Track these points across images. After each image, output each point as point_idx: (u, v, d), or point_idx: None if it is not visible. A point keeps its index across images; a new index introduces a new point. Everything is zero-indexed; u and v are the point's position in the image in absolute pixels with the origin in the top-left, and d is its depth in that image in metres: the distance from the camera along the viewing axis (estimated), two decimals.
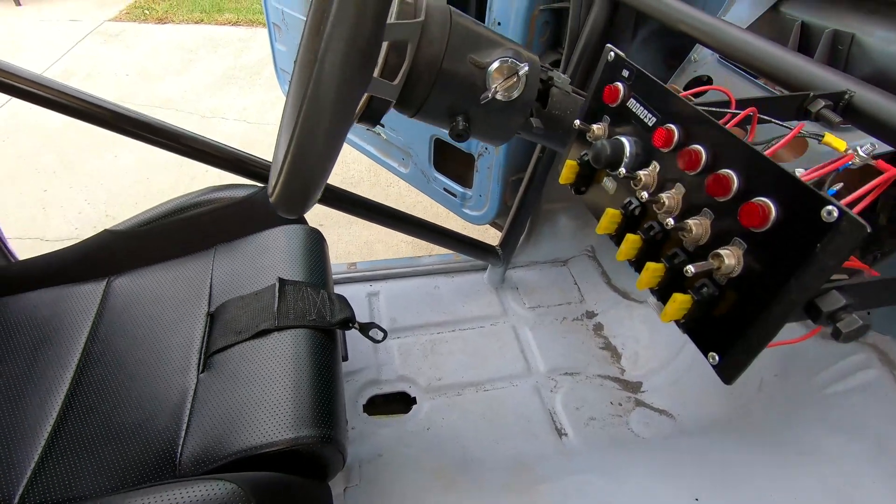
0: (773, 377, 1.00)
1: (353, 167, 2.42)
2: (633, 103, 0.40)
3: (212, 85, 3.08)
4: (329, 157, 0.42)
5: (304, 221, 1.00)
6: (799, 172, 0.36)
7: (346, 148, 0.73)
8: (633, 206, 0.37)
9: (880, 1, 0.62)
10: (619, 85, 0.40)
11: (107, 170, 2.27)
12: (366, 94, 0.50)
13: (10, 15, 3.90)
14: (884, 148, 0.45)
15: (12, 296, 0.85)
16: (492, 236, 2.01)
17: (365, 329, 0.85)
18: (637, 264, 0.37)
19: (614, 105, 0.41)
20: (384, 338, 0.89)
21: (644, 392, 1.15)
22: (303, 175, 0.43)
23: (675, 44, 1.06)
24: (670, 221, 0.33)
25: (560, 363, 1.21)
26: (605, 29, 0.98)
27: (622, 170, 0.37)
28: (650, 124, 0.38)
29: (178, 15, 3.94)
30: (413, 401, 1.11)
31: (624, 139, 0.39)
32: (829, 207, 0.25)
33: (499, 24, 1.13)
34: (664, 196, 0.35)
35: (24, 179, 2.25)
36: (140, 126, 0.87)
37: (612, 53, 0.42)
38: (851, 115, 0.51)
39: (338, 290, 1.31)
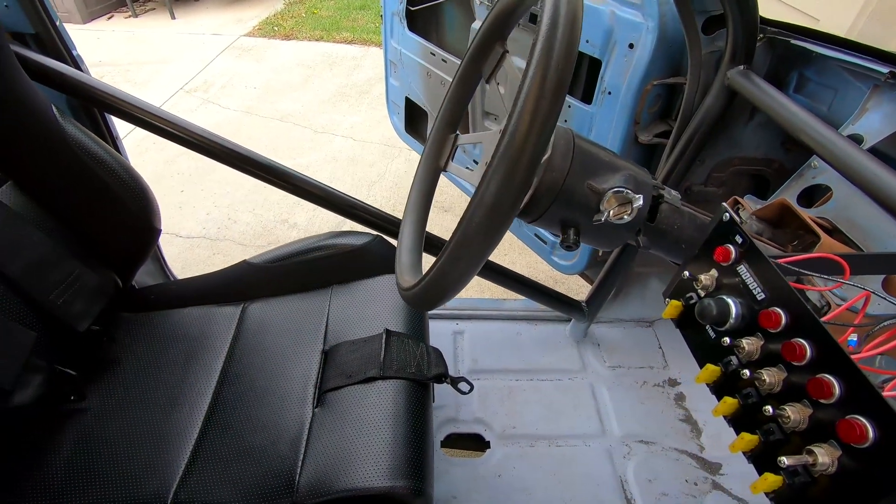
0: None
1: (447, 191, 2.53)
2: (743, 270, 0.43)
3: (326, 101, 3.36)
4: (463, 283, 0.49)
5: None
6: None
7: (442, 178, 0.79)
8: (732, 367, 0.41)
9: None
10: (731, 248, 0.44)
11: (231, 179, 2.57)
12: None
13: (166, 26, 4.50)
14: None
15: (172, 310, 1.02)
16: (575, 283, 2.02)
17: (455, 382, 0.93)
18: (733, 424, 0.40)
19: (725, 265, 0.45)
20: (471, 391, 0.96)
21: (723, 475, 1.12)
22: (441, 291, 0.51)
23: None
24: (769, 409, 0.37)
25: (636, 429, 1.21)
26: (719, 114, 0.98)
27: (726, 339, 0.41)
28: (759, 298, 0.41)
29: (302, 32, 4.32)
30: (487, 444, 1.17)
31: (731, 301, 0.42)
32: None
33: (609, 93, 1.17)
34: (765, 373, 0.38)
35: (166, 181, 2.61)
36: (256, 165, 1.00)
37: (728, 215, 0.45)
38: None
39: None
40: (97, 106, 1.02)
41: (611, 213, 0.57)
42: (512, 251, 2.32)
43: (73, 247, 0.87)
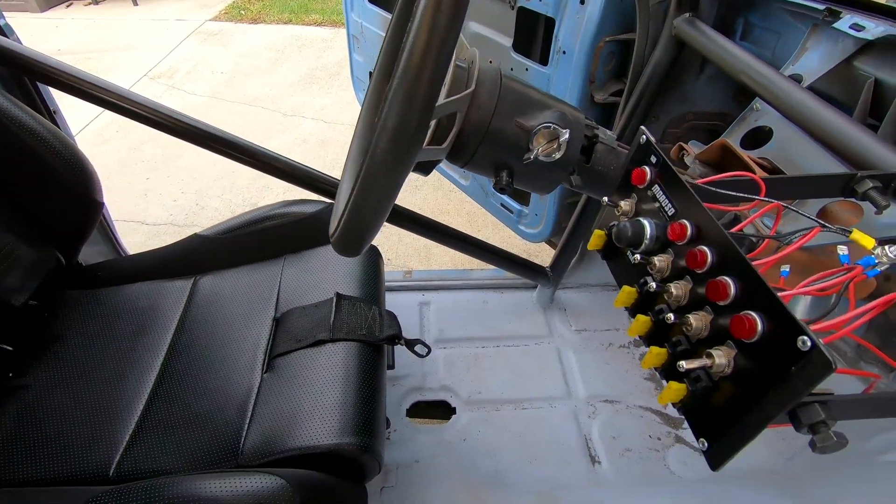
0: None
1: None
2: (657, 189, 0.42)
3: (295, 84, 3.29)
4: (380, 217, 0.48)
5: None
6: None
7: None
8: (646, 287, 0.40)
9: None
10: (647, 169, 0.43)
11: (199, 164, 2.51)
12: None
13: (128, 13, 4.37)
14: None
15: (120, 286, 1.00)
16: (547, 252, 2.02)
17: (410, 345, 0.92)
18: (646, 342, 0.40)
19: (641, 187, 0.44)
20: (428, 353, 0.95)
21: (685, 429, 1.14)
22: (358, 229, 0.50)
23: None
24: (670, 317, 0.36)
25: (601, 390, 1.21)
26: (669, 67, 0.97)
27: (637, 256, 0.40)
28: (669, 214, 0.40)
29: (269, 15, 4.22)
30: (453, 411, 1.17)
31: (646, 222, 0.41)
32: (804, 337, 0.27)
33: (563, 52, 1.15)
34: (673, 286, 0.38)
35: (131, 169, 2.54)
36: (219, 141, 0.98)
37: (645, 137, 0.45)
38: None
39: (392, 297, 1.41)
40: (26, 74, 0.98)
41: (540, 150, 0.56)
42: (486, 227, 2.32)
43: (5, 220, 0.84)
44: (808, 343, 0.27)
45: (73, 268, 0.98)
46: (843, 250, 0.45)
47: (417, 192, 2.46)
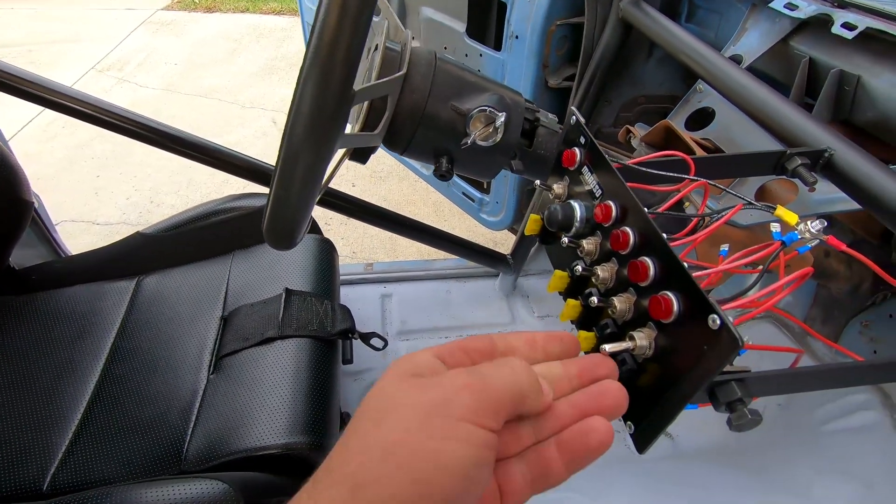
0: (777, 406, 0.99)
1: (385, 161, 2.46)
2: (585, 171, 0.41)
3: (254, 74, 3.19)
4: (304, 207, 0.46)
5: (317, 231, 1.06)
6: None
7: None
8: (577, 270, 0.39)
9: (889, 41, 0.60)
10: (577, 150, 0.42)
11: (153, 160, 2.41)
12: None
13: (74, 3, 4.14)
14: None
15: (58, 289, 0.95)
16: (512, 240, 2.03)
17: (366, 338, 0.90)
18: (578, 327, 0.39)
19: (572, 169, 0.43)
20: (385, 346, 0.94)
21: None
22: (283, 220, 0.48)
23: None
24: (594, 299, 0.35)
25: None
26: (617, 49, 0.97)
27: (565, 239, 0.39)
28: (596, 196, 0.40)
29: (226, 4, 4.07)
30: None
31: (576, 205, 0.41)
32: (714, 316, 0.27)
33: (516, 37, 1.14)
34: (600, 269, 0.37)
35: (79, 166, 2.43)
36: (167, 137, 0.93)
37: (574, 118, 0.44)
38: (829, 174, 0.51)
39: (353, 290, 1.38)
40: None
41: (477, 134, 0.54)
42: (452, 217, 2.30)
43: None
44: (718, 321, 0.26)
45: (3, 271, 0.93)
46: (775, 227, 0.45)
47: (382, 184, 2.43)
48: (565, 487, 0.93)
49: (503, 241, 2.17)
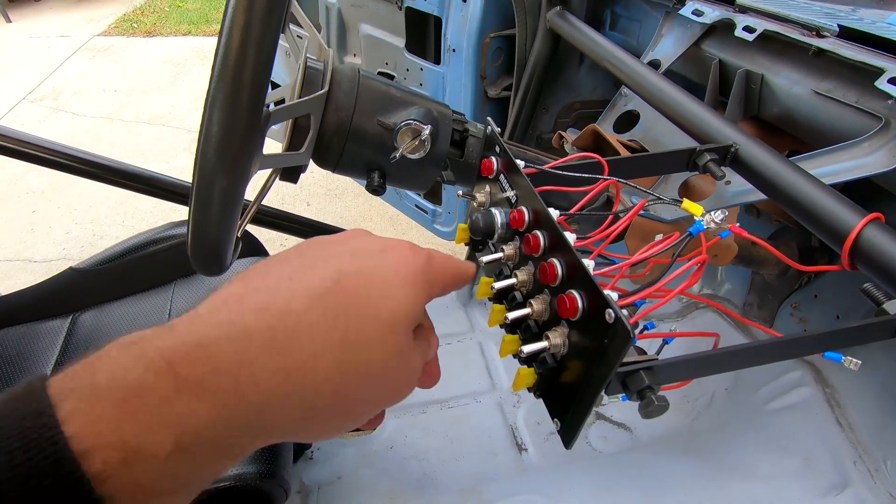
0: (724, 391, 1.03)
1: (338, 178, 2.45)
2: (502, 178, 0.43)
3: (200, 98, 3.11)
4: (225, 230, 0.45)
5: (262, 252, 1.04)
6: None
7: None
8: (502, 275, 0.40)
9: (784, 41, 0.65)
10: (493, 159, 0.43)
11: (94, 190, 2.31)
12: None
13: (1, 31, 3.96)
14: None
15: None
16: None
17: None
18: (507, 331, 0.40)
19: (490, 177, 0.44)
20: None
21: (604, 405, 1.18)
22: (205, 245, 0.47)
23: None
24: (517, 295, 0.36)
25: None
26: (549, 58, 1.01)
27: (485, 250, 0.40)
28: (513, 202, 0.41)
29: (165, 27, 3.98)
30: None
31: (496, 212, 0.42)
32: (609, 310, 0.28)
33: (454, 50, 1.16)
34: (519, 273, 0.38)
35: (13, 202, 2.30)
36: (103, 169, 0.91)
37: (490, 128, 0.45)
38: (736, 167, 0.54)
39: None
40: None
41: (405, 147, 0.55)
42: (410, 230, 2.30)
43: None
44: (612, 315, 0.27)
45: None
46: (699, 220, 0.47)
47: (338, 201, 2.41)
48: (525, 489, 0.93)
49: (460, 251, 2.19)
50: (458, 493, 0.92)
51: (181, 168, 2.54)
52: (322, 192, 2.43)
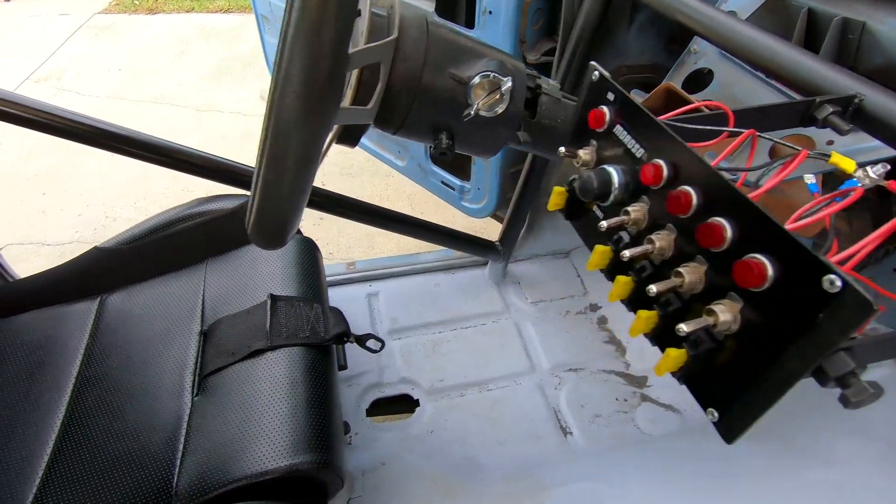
0: None
1: (352, 156, 2.38)
2: (619, 130, 0.37)
3: (205, 76, 3.03)
4: (298, 192, 0.40)
5: (297, 230, 0.98)
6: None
7: None
8: (623, 242, 0.34)
9: None
10: (605, 109, 0.37)
11: (104, 171, 2.25)
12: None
13: (0, 12, 3.85)
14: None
15: (6, 318, 0.84)
16: (493, 227, 1.99)
17: (361, 341, 0.84)
18: (631, 306, 0.35)
19: (600, 130, 0.38)
20: (382, 347, 0.88)
21: (650, 386, 1.13)
22: (273, 211, 0.41)
23: (677, 27, 1.01)
24: (648, 274, 0.31)
25: (564, 359, 1.19)
26: (600, 17, 0.93)
27: (601, 215, 0.34)
28: (638, 156, 0.35)
29: (169, 4, 3.86)
30: (416, 403, 1.10)
31: (612, 169, 0.36)
32: (832, 277, 0.22)
33: (490, 12, 1.09)
34: (655, 237, 0.32)
35: (21, 186, 2.24)
36: (122, 140, 0.85)
37: (597, 73, 0.39)
38: (861, 121, 0.48)
39: (337, 291, 1.31)
40: None
41: (480, 103, 0.49)
42: (428, 209, 2.24)
43: None
44: (839, 283, 0.22)
45: None
46: (809, 179, 0.41)
47: (353, 180, 2.34)
48: (575, 476, 0.89)
49: (483, 229, 2.12)
50: (505, 479, 0.88)
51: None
52: (336, 172, 2.36)
